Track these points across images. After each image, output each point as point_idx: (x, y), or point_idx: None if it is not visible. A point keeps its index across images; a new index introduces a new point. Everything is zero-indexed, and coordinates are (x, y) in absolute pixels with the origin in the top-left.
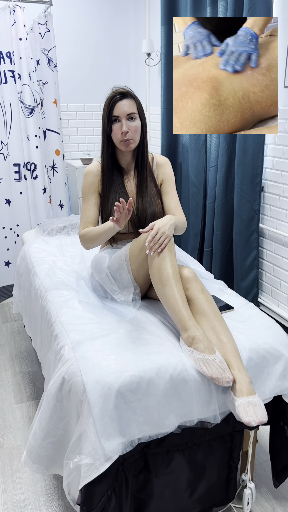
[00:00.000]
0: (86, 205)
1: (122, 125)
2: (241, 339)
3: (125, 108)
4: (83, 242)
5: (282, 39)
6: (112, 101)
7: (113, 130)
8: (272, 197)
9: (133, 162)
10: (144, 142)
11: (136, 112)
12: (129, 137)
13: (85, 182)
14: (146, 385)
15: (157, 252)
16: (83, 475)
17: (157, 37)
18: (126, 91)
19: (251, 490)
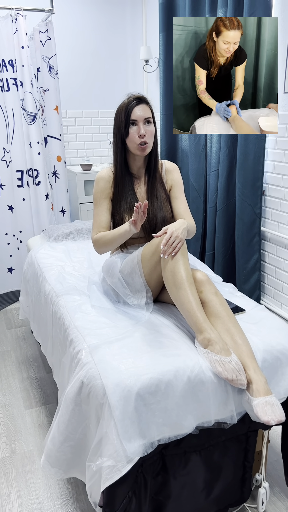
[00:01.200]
0: (98, 210)
1: (140, 128)
2: (255, 340)
3: (142, 112)
4: (97, 247)
5: (281, 44)
6: (130, 106)
7: (130, 133)
8: (273, 200)
9: (143, 168)
10: (157, 148)
11: (151, 117)
12: (146, 140)
13: (97, 188)
14: (165, 387)
15: (170, 255)
16: (105, 477)
17: (154, 43)
18: (142, 97)
19: (265, 490)
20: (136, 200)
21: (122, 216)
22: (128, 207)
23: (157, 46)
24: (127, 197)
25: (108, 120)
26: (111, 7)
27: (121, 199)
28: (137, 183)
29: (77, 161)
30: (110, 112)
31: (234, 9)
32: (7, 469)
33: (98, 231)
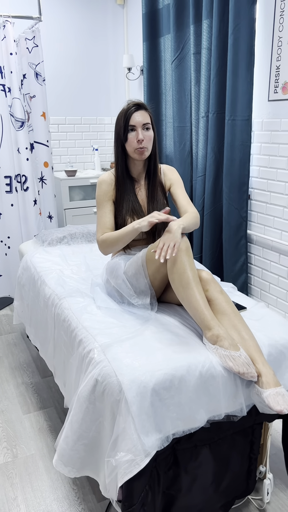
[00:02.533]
0: (102, 212)
1: (138, 133)
2: (259, 336)
3: (141, 118)
4: (104, 247)
5: (264, 56)
6: (129, 112)
7: (128, 139)
8: (259, 204)
9: (144, 172)
10: (156, 153)
11: (150, 123)
12: (144, 145)
13: (100, 191)
14: (178, 382)
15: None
16: (124, 472)
17: (137, 52)
18: (141, 103)
19: (270, 481)
20: (137, 203)
21: (124, 218)
22: (130, 209)
23: (138, 54)
24: (128, 199)
25: (91, 127)
26: (94, 16)
27: (123, 202)
28: (137, 187)
29: (61, 167)
30: (93, 119)
31: (219, 20)
32: (10, 474)
33: (103, 232)
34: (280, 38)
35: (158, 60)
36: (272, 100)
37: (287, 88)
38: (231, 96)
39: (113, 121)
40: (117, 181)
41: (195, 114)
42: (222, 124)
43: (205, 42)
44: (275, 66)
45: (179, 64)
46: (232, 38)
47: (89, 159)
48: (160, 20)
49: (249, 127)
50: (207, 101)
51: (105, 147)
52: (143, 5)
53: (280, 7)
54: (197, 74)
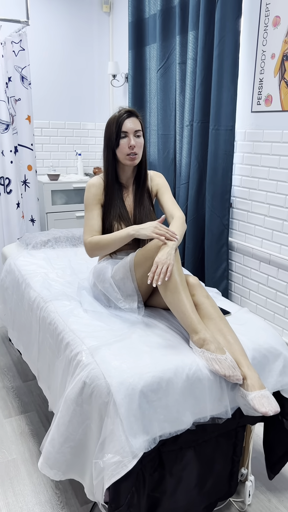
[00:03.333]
0: (91, 215)
1: (130, 140)
2: (244, 340)
3: (133, 125)
4: (92, 250)
5: (248, 69)
6: (121, 119)
7: (120, 145)
8: (240, 212)
9: (132, 178)
10: (145, 159)
11: (141, 130)
12: (135, 151)
13: (89, 194)
14: (166, 385)
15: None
16: (111, 473)
17: (121, 59)
18: (133, 110)
19: (252, 483)
20: (124, 208)
21: (111, 224)
22: (117, 215)
23: (123, 62)
24: (116, 205)
25: (75, 132)
26: (80, 22)
27: (110, 207)
28: (125, 192)
29: (43, 171)
30: (77, 124)
31: (205, 32)
32: None
33: (91, 234)
34: (264, 52)
35: (143, 68)
36: (255, 112)
37: (270, 101)
38: (215, 106)
39: (96, 127)
40: (106, 186)
41: (180, 122)
42: (206, 133)
43: (191, 53)
44: (259, 79)
45: (164, 73)
46: (217, 50)
47: (72, 164)
48: (146, 29)
49: (232, 137)
50: (191, 110)
51: (88, 152)
52: (130, 14)
53: (264, 22)
54: (182, 83)
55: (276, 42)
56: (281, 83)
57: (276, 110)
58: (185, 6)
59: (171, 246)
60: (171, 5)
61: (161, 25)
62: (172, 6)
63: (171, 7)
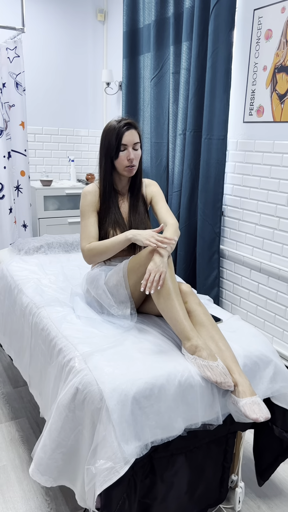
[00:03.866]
0: (87, 222)
1: (130, 153)
2: (235, 347)
3: (132, 138)
4: (90, 256)
5: (241, 80)
6: (121, 131)
7: (119, 157)
8: (232, 221)
9: (127, 186)
10: (141, 169)
11: (139, 142)
12: (134, 164)
13: (85, 201)
14: (158, 391)
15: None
16: (103, 479)
17: (116, 67)
18: (132, 122)
19: (242, 489)
20: (120, 215)
21: (106, 230)
22: (113, 221)
23: (117, 70)
24: (112, 212)
25: (68, 138)
26: (75, 30)
27: (106, 214)
28: (121, 199)
29: (36, 177)
30: (70, 131)
31: (199, 43)
32: None
33: (88, 241)
34: (256, 64)
35: (137, 77)
36: (247, 122)
37: (261, 111)
38: (208, 116)
39: (90, 134)
40: (102, 193)
41: (172, 131)
42: (198, 142)
43: (184, 63)
44: (251, 90)
45: (158, 82)
46: (211, 60)
47: (64, 170)
48: (141, 39)
49: (224, 146)
50: (184, 119)
51: (81, 158)
52: (124, 23)
53: (256, 35)
54: (175, 93)
55: (268, 54)
56: (273, 95)
57: (268, 121)
58: (179, 17)
59: (164, 254)
60: (166, 16)
61: (155, 35)
62: (166, 17)
63: (166, 18)
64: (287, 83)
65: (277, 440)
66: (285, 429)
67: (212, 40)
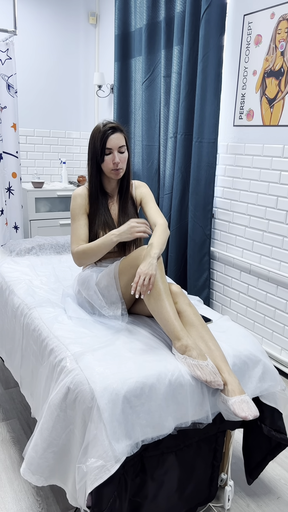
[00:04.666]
0: (77, 225)
1: (115, 157)
2: (225, 347)
3: (117, 141)
4: (80, 258)
5: (231, 84)
6: (106, 135)
7: (105, 160)
8: (222, 223)
9: (117, 188)
10: (129, 171)
11: (125, 145)
12: (120, 167)
13: (75, 204)
14: (149, 390)
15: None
16: (94, 477)
17: (107, 70)
18: (117, 125)
19: (231, 487)
20: (109, 217)
21: (96, 232)
22: (102, 223)
23: (109, 73)
24: (101, 213)
25: (60, 140)
26: (67, 33)
27: (95, 216)
28: (111, 201)
29: (27, 178)
30: (62, 133)
31: (190, 47)
32: None
33: (78, 244)
34: (246, 68)
35: (128, 80)
36: (237, 125)
37: (251, 115)
38: (198, 119)
39: (81, 136)
40: (90, 196)
41: (164, 134)
42: (189, 145)
43: (175, 67)
44: (241, 94)
45: (149, 85)
46: (201, 65)
47: (56, 172)
48: (132, 42)
49: (215, 149)
50: (175, 123)
51: (72, 160)
52: (116, 27)
53: (246, 40)
54: (166, 96)
55: (257, 59)
56: (262, 99)
57: (257, 124)
58: (170, 22)
59: (153, 256)
60: (157, 20)
61: (146, 39)
62: (157, 21)
63: (157, 22)
64: (276, 87)
65: (266, 439)
66: (274, 427)
67: (203, 44)
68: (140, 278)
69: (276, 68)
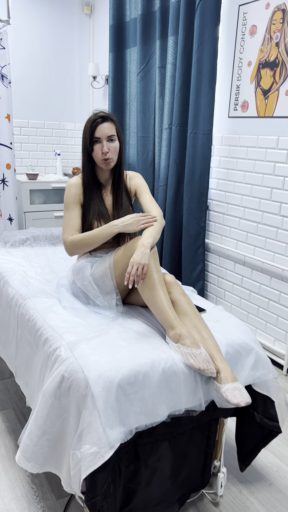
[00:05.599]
0: (71, 214)
1: (103, 146)
2: (218, 336)
3: (106, 130)
4: (73, 248)
5: (226, 75)
6: (94, 124)
7: (94, 150)
8: (217, 215)
9: (111, 178)
10: (122, 161)
11: (115, 134)
12: (108, 157)
13: (69, 194)
14: (142, 378)
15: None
16: (89, 464)
17: (102, 61)
18: (107, 115)
19: (224, 474)
20: (104, 207)
21: (90, 222)
22: (97, 213)
23: (104, 64)
24: (95, 204)
25: (54, 132)
26: (61, 23)
27: (90, 206)
28: (105, 192)
29: (22, 170)
30: (56, 124)
31: (184, 38)
32: None
33: (71, 233)
34: (241, 59)
35: (123, 71)
36: (232, 117)
37: (246, 107)
38: (193, 111)
39: (76, 127)
40: (84, 186)
41: (159, 125)
42: (184, 137)
43: (170, 57)
44: (236, 85)
45: (144, 76)
46: (196, 55)
47: (50, 164)
48: (127, 33)
49: (209, 141)
50: (170, 114)
51: (67, 152)
52: (111, 17)
53: (241, 31)
54: (161, 87)
55: (252, 50)
56: (257, 90)
57: (252, 116)
58: (165, 12)
59: (146, 246)
60: (152, 10)
61: (141, 29)
62: (152, 11)
63: (152, 12)
64: (271, 78)
65: (258, 427)
66: (266, 415)
67: (197, 35)
68: (133, 267)
69: (271, 59)
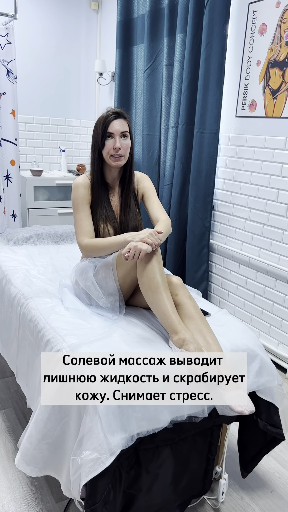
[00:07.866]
0: (82, 216)
1: (116, 141)
2: (222, 341)
3: (119, 126)
4: (89, 251)
5: (234, 74)
6: (108, 119)
7: (106, 145)
8: (222, 215)
9: (118, 179)
10: (132, 161)
11: (128, 131)
12: (121, 153)
13: (77, 194)
14: None
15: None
16: (89, 470)
17: (109, 57)
18: (120, 112)
19: (225, 480)
20: (110, 209)
21: (97, 223)
22: (104, 216)
23: (110, 60)
24: (102, 205)
25: (59, 128)
26: (68, 18)
27: (97, 208)
28: (111, 193)
29: (26, 166)
30: (62, 120)
31: (193, 35)
32: None
33: (86, 236)
34: (250, 58)
35: (130, 68)
36: (239, 117)
37: (254, 106)
38: (200, 110)
39: (81, 124)
40: (92, 186)
41: (165, 124)
42: (190, 136)
43: (178, 55)
44: (244, 84)
45: (151, 73)
46: (205, 54)
47: (55, 160)
48: (135, 29)
49: (216, 140)
50: (177, 112)
51: (72, 149)
52: (118, 13)
53: (251, 29)
54: (168, 85)
55: (262, 49)
56: (266, 90)
57: (260, 116)
58: (174, 9)
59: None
60: (160, 6)
61: (149, 26)
62: (161, 7)
63: (160, 9)
64: (280, 78)
65: (261, 433)
66: (270, 422)
67: (206, 33)
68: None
69: (281, 59)
